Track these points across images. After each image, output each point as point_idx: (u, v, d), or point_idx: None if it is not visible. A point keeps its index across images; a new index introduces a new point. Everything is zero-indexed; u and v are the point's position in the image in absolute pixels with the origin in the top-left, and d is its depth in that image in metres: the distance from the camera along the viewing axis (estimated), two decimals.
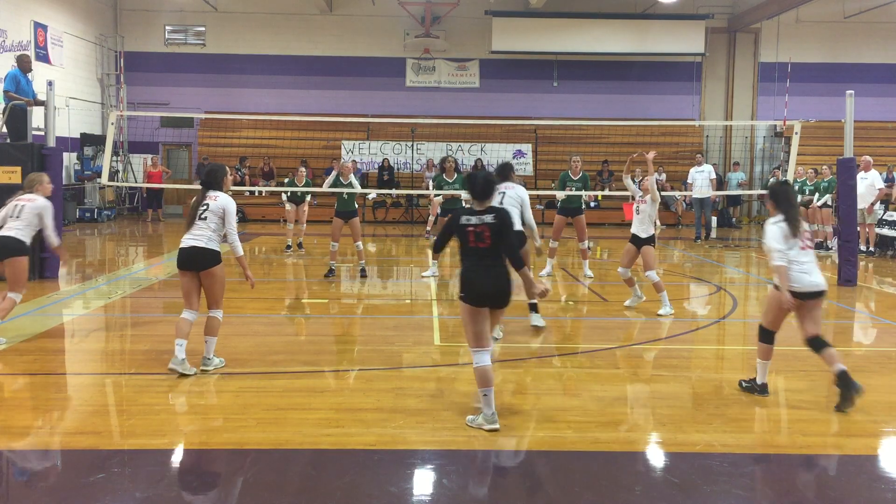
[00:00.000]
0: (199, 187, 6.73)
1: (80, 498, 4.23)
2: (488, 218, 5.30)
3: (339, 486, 4.40)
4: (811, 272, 5.94)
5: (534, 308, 8.53)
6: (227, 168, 7.02)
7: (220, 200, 6.54)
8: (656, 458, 5.01)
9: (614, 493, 4.39)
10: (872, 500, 4.39)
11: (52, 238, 7.76)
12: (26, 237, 7.53)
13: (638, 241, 9.25)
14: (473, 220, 5.30)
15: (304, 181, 15.21)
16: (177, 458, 4.83)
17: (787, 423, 5.68)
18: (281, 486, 4.37)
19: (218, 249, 6.52)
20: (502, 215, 5.35)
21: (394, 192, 21.34)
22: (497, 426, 5.21)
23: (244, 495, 4.26)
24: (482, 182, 5.40)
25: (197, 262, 6.44)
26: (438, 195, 12.64)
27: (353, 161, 21.83)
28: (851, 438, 5.36)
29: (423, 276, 11.90)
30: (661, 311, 9.17)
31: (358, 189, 11.75)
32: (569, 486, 4.46)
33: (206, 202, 6.53)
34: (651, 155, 9.63)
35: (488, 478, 4.60)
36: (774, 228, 5.92)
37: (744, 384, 6.28)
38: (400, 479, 4.55)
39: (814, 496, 4.33)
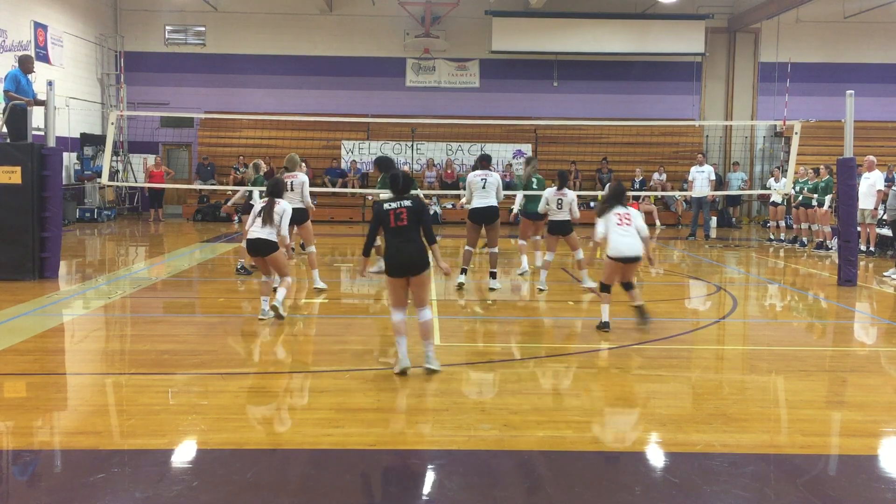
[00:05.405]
0: (201, 186, 7.59)
1: (80, 498, 4.23)
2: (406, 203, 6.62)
3: (339, 486, 4.40)
4: None
5: (493, 276, 10.81)
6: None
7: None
8: (656, 458, 5.00)
9: (614, 493, 4.39)
10: (872, 500, 4.39)
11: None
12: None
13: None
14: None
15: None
16: (177, 458, 4.83)
17: (787, 423, 5.68)
18: (281, 486, 4.37)
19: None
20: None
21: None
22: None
23: (244, 495, 4.25)
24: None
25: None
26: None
27: (353, 161, 21.91)
28: (851, 438, 5.36)
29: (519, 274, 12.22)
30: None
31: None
32: (569, 486, 4.46)
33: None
34: None
35: (488, 478, 4.59)
36: None
37: None
38: (400, 479, 4.55)
39: (814, 496, 4.33)
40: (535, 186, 11.77)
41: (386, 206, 6.60)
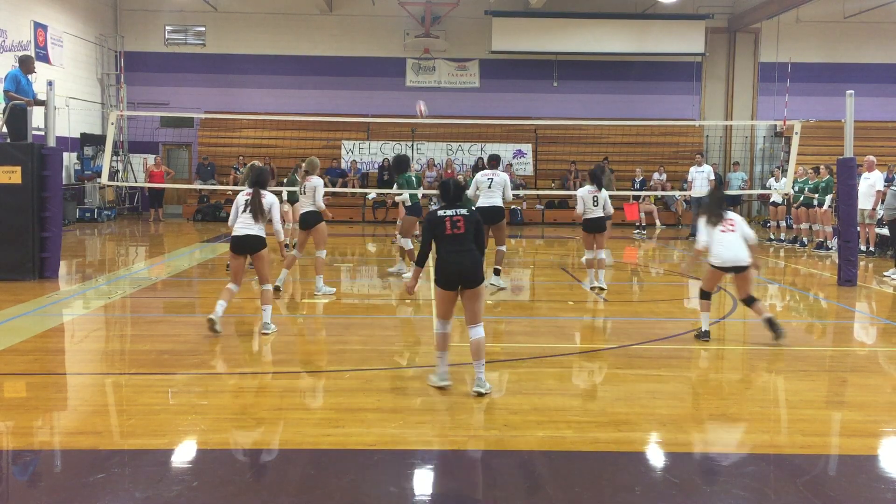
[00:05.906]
0: (201, 186, 7.30)
1: (80, 498, 4.23)
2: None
3: (339, 486, 4.40)
4: None
5: (496, 272, 10.94)
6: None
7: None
8: (656, 458, 5.00)
9: (614, 493, 4.39)
10: (872, 500, 4.39)
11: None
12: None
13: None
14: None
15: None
16: (177, 458, 4.83)
17: (787, 423, 5.68)
18: (281, 486, 4.37)
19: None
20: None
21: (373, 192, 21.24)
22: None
23: (244, 495, 4.26)
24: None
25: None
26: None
27: (354, 161, 21.86)
28: (851, 438, 5.36)
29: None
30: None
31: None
32: (569, 486, 4.46)
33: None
34: None
35: (488, 478, 4.59)
36: None
37: None
38: (400, 479, 4.55)
39: (814, 496, 4.33)
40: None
41: (441, 212, 6.13)
